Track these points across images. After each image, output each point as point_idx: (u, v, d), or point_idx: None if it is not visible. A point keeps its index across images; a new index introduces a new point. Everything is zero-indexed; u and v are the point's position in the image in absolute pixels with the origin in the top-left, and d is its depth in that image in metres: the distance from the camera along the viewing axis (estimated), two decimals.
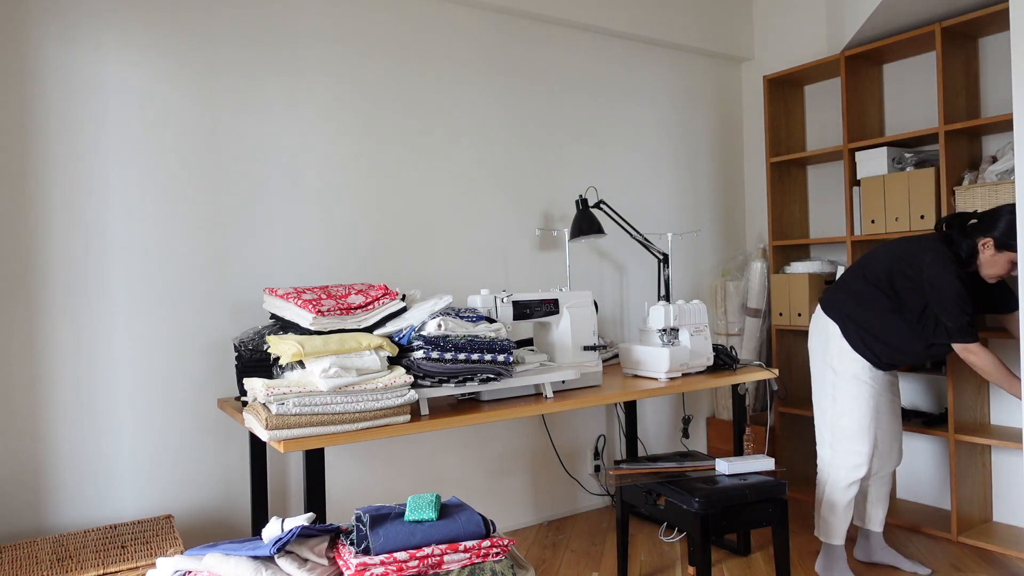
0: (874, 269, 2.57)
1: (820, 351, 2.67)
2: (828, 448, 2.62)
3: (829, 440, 2.62)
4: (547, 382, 2.36)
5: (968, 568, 2.72)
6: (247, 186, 2.66)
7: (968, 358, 2.43)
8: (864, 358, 2.55)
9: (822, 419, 2.66)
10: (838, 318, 2.60)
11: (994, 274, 2.47)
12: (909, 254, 2.50)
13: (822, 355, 2.65)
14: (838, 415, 2.59)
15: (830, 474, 2.61)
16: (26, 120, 2.31)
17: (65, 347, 2.35)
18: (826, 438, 2.63)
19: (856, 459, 2.55)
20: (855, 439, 2.55)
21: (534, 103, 3.34)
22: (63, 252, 2.35)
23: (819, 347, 2.67)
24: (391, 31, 2.97)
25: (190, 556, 1.51)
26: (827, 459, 2.63)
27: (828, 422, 2.62)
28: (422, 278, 3.02)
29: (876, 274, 2.55)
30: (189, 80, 2.56)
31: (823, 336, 2.65)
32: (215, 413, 2.59)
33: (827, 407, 2.63)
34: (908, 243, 2.55)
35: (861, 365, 2.55)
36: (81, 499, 2.37)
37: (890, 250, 2.57)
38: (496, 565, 1.51)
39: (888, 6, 3.06)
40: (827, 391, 2.62)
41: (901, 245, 2.56)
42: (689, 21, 3.76)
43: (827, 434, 2.63)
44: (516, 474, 3.26)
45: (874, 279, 2.55)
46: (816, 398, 2.69)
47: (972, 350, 2.41)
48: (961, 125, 2.95)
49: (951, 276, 2.39)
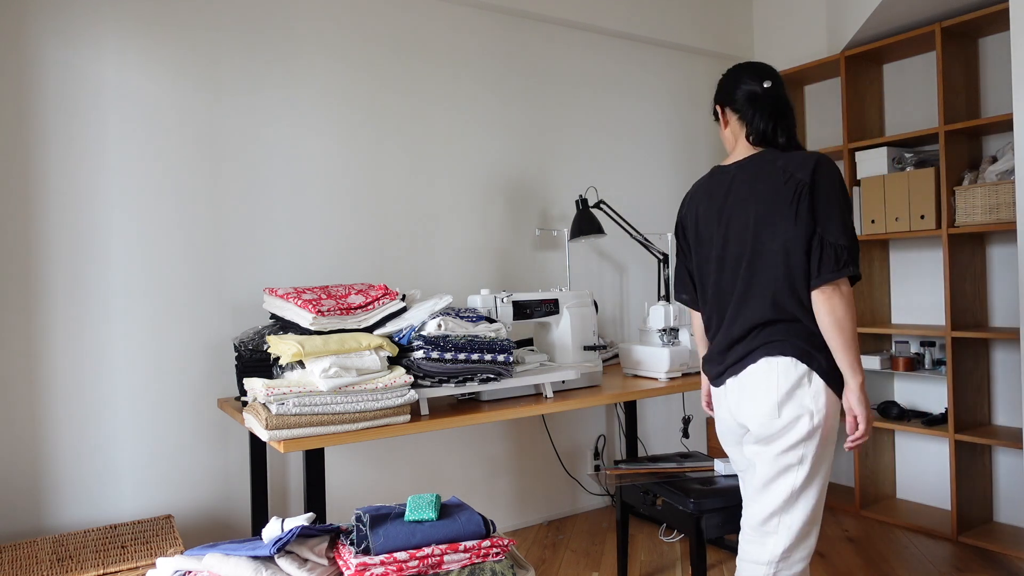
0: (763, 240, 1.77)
1: (766, 422, 1.75)
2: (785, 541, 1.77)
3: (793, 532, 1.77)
4: (547, 382, 2.36)
5: (968, 568, 2.72)
6: (247, 186, 2.66)
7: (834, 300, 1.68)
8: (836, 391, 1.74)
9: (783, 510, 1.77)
10: (795, 350, 1.73)
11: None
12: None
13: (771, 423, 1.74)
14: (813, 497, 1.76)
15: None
16: (26, 119, 2.31)
17: (65, 347, 2.35)
18: (783, 532, 1.77)
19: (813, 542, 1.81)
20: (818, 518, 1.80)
21: (534, 103, 3.34)
22: (62, 252, 2.35)
23: (764, 416, 1.75)
24: (391, 31, 2.96)
25: (190, 556, 1.51)
26: (777, 556, 1.77)
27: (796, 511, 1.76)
28: (422, 278, 3.02)
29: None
30: (189, 80, 2.56)
31: (770, 395, 1.74)
32: (215, 413, 2.59)
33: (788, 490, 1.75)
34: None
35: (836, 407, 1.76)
36: (81, 499, 2.37)
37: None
38: (496, 565, 1.51)
39: (888, 6, 3.06)
40: (792, 472, 1.74)
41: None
42: (689, 21, 3.76)
43: (789, 526, 1.77)
44: (516, 474, 3.26)
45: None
46: (772, 485, 1.77)
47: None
48: (961, 125, 2.95)
49: (838, 175, 1.77)
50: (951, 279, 2.99)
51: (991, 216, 2.86)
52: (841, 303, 1.68)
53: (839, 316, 1.67)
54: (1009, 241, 3.05)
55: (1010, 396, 3.06)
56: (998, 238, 3.10)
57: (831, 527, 3.17)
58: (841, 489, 3.59)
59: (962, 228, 2.94)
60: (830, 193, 1.71)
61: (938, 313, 3.29)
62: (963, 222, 2.95)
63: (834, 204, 1.70)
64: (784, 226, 1.72)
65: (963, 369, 3.02)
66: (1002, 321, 3.09)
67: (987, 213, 2.87)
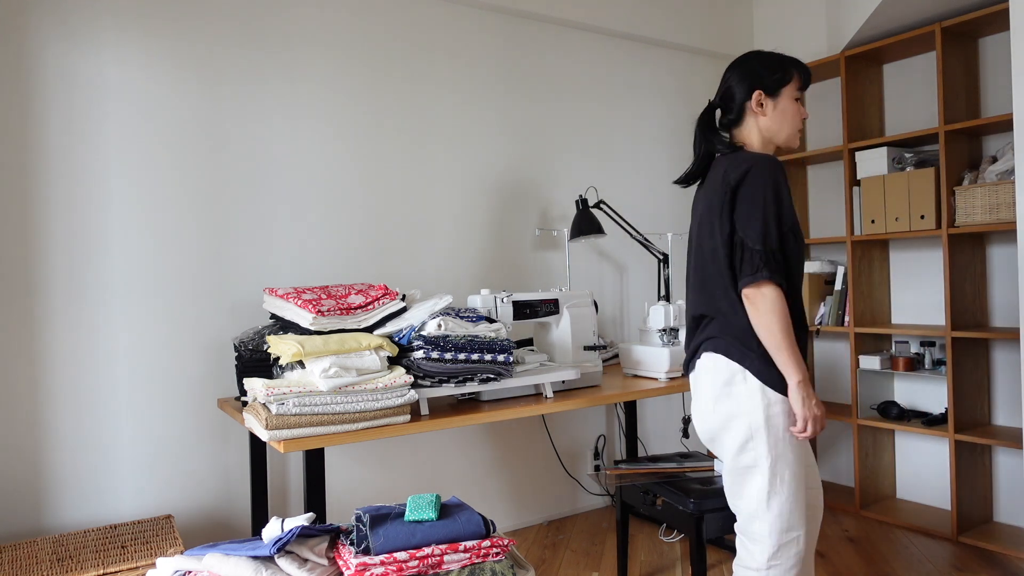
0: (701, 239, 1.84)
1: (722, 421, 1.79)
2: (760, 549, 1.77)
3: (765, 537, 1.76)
4: (547, 382, 2.36)
5: (968, 568, 2.72)
6: (247, 186, 2.66)
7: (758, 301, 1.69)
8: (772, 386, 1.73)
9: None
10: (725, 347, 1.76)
11: (796, 128, 1.84)
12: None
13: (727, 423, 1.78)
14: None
15: None
16: (27, 121, 2.31)
17: (65, 347, 2.35)
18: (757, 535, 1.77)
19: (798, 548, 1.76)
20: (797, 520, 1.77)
21: (534, 103, 3.34)
22: (63, 252, 2.35)
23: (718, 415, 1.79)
24: (391, 31, 2.96)
25: (190, 556, 1.51)
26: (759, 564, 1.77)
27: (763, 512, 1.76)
28: (422, 278, 3.02)
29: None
30: (189, 81, 2.56)
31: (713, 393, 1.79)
32: (215, 413, 2.59)
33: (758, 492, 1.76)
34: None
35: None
36: (81, 499, 2.37)
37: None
38: (496, 565, 1.51)
39: (888, 6, 3.06)
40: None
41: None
42: (689, 21, 3.76)
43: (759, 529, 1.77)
44: (516, 474, 3.26)
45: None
46: (741, 490, 1.80)
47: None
48: (961, 125, 2.95)
49: (770, 177, 1.75)
50: (951, 279, 2.99)
51: (991, 216, 2.86)
52: (763, 305, 1.67)
53: (762, 319, 1.68)
54: (1009, 241, 3.05)
55: (1010, 396, 3.06)
56: (998, 238, 3.10)
57: (831, 527, 3.17)
58: (841, 489, 3.59)
59: (962, 228, 2.94)
60: (754, 196, 1.70)
61: (938, 313, 3.29)
62: (963, 222, 2.95)
63: (757, 208, 1.69)
64: (717, 226, 1.76)
65: (963, 369, 3.02)
66: (1002, 321, 3.09)
67: (987, 213, 2.87)
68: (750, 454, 1.73)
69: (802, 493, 1.76)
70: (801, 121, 1.87)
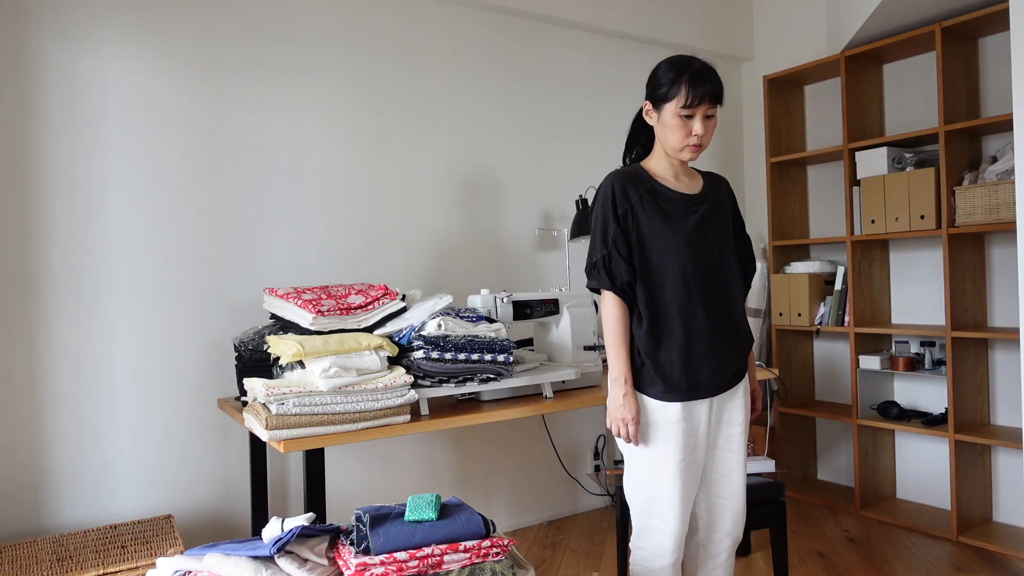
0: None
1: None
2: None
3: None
4: (547, 382, 2.36)
5: (968, 568, 2.72)
6: (247, 186, 2.66)
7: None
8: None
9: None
10: None
11: (677, 145, 1.82)
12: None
13: None
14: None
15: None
16: (26, 120, 2.31)
17: (65, 347, 2.35)
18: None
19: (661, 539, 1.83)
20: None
21: (534, 102, 3.34)
22: (63, 252, 2.35)
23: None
24: (391, 31, 2.96)
25: (190, 556, 1.51)
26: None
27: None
28: (422, 278, 3.02)
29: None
30: (189, 80, 2.56)
31: None
32: (215, 413, 2.59)
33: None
34: None
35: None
36: (81, 499, 2.37)
37: None
38: (496, 565, 1.51)
39: (888, 6, 3.06)
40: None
41: None
42: (689, 21, 3.76)
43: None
44: (516, 474, 3.26)
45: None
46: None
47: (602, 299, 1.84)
48: (961, 125, 2.95)
49: (599, 196, 1.88)
50: (951, 279, 2.99)
51: (991, 216, 2.86)
52: (601, 308, 1.86)
53: (602, 319, 1.85)
54: (1009, 241, 3.05)
55: (1010, 396, 3.06)
56: (998, 238, 3.10)
57: (831, 527, 3.17)
58: (841, 489, 3.59)
59: (962, 228, 2.94)
60: (592, 215, 1.91)
61: (938, 313, 3.29)
62: (963, 222, 2.95)
63: (591, 224, 1.89)
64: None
65: (963, 369, 3.02)
66: (1002, 321, 3.09)
67: (987, 213, 2.87)
68: (620, 440, 1.85)
69: (678, 489, 1.79)
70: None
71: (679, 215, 1.84)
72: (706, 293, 1.82)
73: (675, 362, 1.78)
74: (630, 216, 1.82)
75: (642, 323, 1.80)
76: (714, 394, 1.84)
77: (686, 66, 1.79)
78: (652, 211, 1.82)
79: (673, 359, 1.78)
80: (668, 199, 1.85)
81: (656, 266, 1.81)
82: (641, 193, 1.84)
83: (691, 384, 1.79)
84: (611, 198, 1.84)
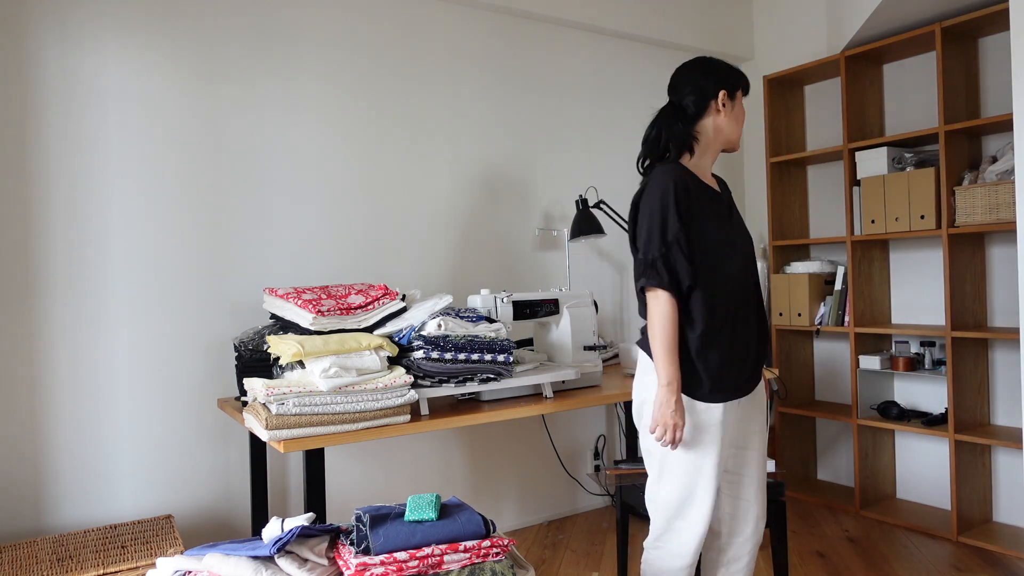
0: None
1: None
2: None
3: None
4: (547, 382, 2.36)
5: (968, 568, 2.72)
6: (247, 186, 2.66)
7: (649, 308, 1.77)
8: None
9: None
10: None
11: (740, 134, 1.89)
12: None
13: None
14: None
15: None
16: (26, 121, 2.31)
17: (65, 347, 2.35)
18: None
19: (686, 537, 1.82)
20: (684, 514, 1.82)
21: (534, 103, 3.34)
22: (63, 253, 2.35)
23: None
24: (391, 31, 2.96)
25: (190, 556, 1.51)
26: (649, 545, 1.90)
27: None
28: (422, 278, 3.02)
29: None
30: (189, 81, 2.56)
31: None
32: (215, 413, 2.59)
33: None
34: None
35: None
36: (81, 499, 2.37)
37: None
38: (496, 565, 1.51)
39: (888, 6, 3.06)
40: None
41: None
42: (689, 21, 3.76)
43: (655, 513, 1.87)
44: (516, 474, 3.26)
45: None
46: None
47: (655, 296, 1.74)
48: (961, 125, 2.95)
49: (658, 191, 1.75)
50: (951, 279, 2.99)
51: (991, 216, 2.86)
52: (651, 308, 1.75)
53: (650, 320, 1.75)
54: (1009, 241, 3.05)
55: (1010, 396, 3.06)
56: (998, 238, 3.10)
57: (831, 527, 3.17)
58: (841, 489, 3.59)
59: (962, 228, 2.94)
60: (643, 210, 1.79)
61: (938, 313, 3.29)
62: (963, 222, 2.95)
63: (643, 219, 1.78)
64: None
65: (963, 369, 3.02)
66: (1002, 321, 3.09)
67: (987, 213, 2.88)
68: (648, 439, 1.81)
69: (711, 492, 1.78)
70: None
71: (725, 216, 1.84)
72: (747, 294, 1.84)
73: (724, 363, 1.76)
74: (691, 215, 1.76)
75: (694, 325, 1.74)
76: (747, 393, 1.84)
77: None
78: (708, 212, 1.79)
79: (722, 360, 1.76)
80: (714, 200, 1.83)
81: (714, 268, 1.77)
82: (698, 193, 1.79)
83: (735, 384, 1.79)
84: (673, 194, 1.73)
